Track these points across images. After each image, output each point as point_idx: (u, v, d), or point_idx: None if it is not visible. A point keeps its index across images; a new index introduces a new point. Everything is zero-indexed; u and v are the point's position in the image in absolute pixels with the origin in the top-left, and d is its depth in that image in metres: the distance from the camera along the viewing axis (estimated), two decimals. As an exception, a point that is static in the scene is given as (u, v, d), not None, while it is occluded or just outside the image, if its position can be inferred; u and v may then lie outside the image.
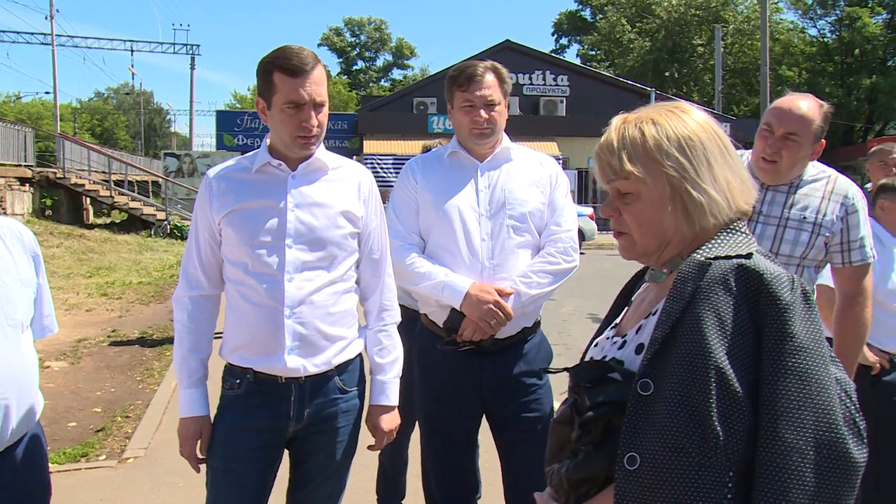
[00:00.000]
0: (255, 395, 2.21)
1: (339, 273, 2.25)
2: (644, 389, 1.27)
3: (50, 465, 4.43)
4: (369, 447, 2.45)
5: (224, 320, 2.29)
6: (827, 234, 2.59)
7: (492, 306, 2.49)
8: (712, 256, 1.31)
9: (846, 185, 2.65)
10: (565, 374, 1.47)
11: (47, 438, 5.04)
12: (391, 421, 2.40)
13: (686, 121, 1.39)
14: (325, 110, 2.19)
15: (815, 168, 2.66)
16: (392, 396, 2.40)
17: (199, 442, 2.25)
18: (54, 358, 7.27)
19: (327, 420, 2.27)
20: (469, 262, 2.59)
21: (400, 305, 3.46)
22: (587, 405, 1.35)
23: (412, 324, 2.86)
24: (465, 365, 2.61)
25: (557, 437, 1.46)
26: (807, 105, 2.54)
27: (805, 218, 2.58)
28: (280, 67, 2.11)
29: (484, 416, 2.71)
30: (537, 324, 2.72)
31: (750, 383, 1.20)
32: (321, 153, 2.27)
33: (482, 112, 2.58)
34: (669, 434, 1.21)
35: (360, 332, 2.36)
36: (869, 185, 3.99)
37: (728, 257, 1.29)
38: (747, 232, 1.39)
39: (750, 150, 2.70)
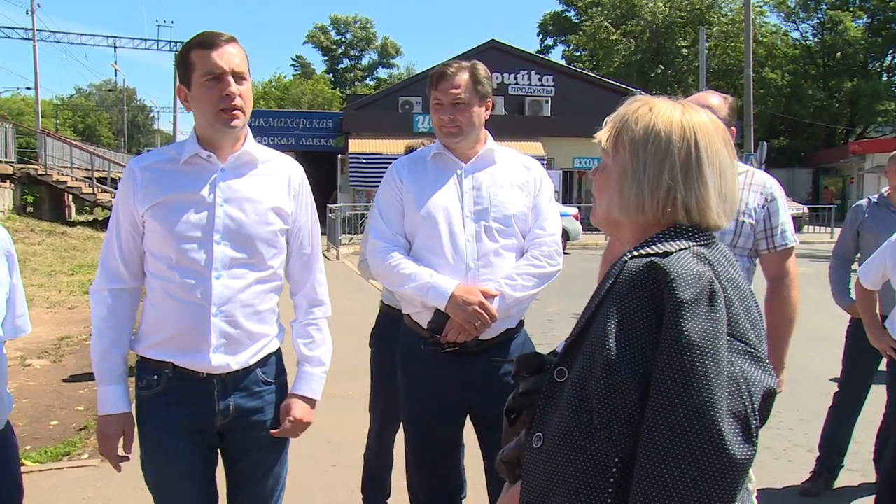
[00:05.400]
0: (174, 392, 2.15)
1: (267, 271, 2.21)
2: (560, 377, 1.36)
3: (31, 464, 4.43)
4: (272, 431, 2.27)
5: (142, 313, 2.22)
6: (751, 221, 2.81)
7: (477, 308, 2.50)
8: (637, 254, 1.32)
9: (763, 177, 2.90)
10: None
11: (28, 437, 5.02)
12: (306, 413, 2.30)
13: (672, 117, 1.37)
14: (248, 85, 2.15)
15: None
16: (315, 389, 2.33)
17: (121, 440, 2.20)
18: (36, 356, 7.21)
19: (254, 413, 2.22)
20: (454, 263, 2.59)
21: (385, 305, 3.49)
22: (515, 394, 1.50)
23: (396, 324, 2.86)
24: (449, 365, 2.61)
25: (505, 424, 1.58)
26: (714, 98, 2.82)
27: None
28: (195, 45, 2.11)
29: (468, 416, 2.72)
30: (521, 324, 2.74)
31: (642, 376, 1.22)
32: (251, 146, 2.22)
33: (447, 111, 2.59)
34: (563, 417, 1.29)
35: (280, 328, 2.32)
36: (886, 189, 4.22)
37: (646, 255, 1.30)
38: (695, 232, 1.36)
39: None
